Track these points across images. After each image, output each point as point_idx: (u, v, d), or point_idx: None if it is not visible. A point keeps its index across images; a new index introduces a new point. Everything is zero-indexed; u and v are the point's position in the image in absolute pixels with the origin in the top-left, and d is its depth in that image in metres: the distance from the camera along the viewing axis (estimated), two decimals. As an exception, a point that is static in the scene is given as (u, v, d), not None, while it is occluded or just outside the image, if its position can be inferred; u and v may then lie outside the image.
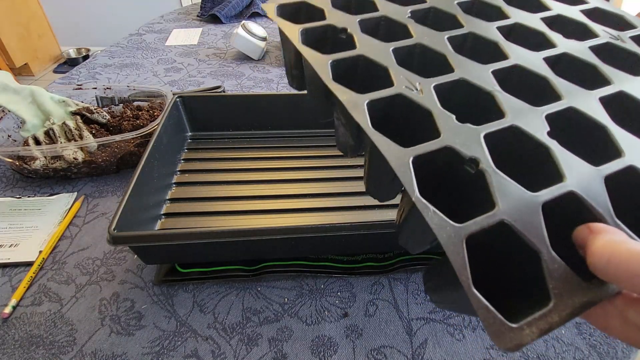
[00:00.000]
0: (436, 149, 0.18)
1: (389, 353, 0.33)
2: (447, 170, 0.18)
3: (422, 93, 0.20)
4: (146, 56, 0.86)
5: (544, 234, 0.15)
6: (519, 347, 0.13)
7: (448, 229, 0.14)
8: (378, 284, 0.38)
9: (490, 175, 0.16)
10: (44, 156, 0.48)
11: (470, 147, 0.18)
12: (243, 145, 0.55)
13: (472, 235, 0.14)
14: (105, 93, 0.60)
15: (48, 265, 0.39)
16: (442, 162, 0.18)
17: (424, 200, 0.15)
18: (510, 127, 0.19)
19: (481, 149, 0.18)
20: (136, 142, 0.50)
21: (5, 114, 0.52)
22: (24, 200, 0.46)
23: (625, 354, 0.33)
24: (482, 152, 0.17)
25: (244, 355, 0.32)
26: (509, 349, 0.13)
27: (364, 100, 0.20)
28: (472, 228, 0.15)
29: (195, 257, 0.38)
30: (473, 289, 0.13)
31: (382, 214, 0.44)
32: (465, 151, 0.17)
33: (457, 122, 0.19)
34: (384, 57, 0.23)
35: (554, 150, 0.18)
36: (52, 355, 0.32)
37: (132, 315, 0.35)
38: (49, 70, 2.41)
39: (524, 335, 0.13)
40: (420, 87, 0.21)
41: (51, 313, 0.35)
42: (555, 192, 0.16)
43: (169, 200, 0.45)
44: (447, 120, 0.19)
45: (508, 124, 0.19)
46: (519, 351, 0.33)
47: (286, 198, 0.46)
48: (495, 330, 0.13)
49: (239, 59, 0.85)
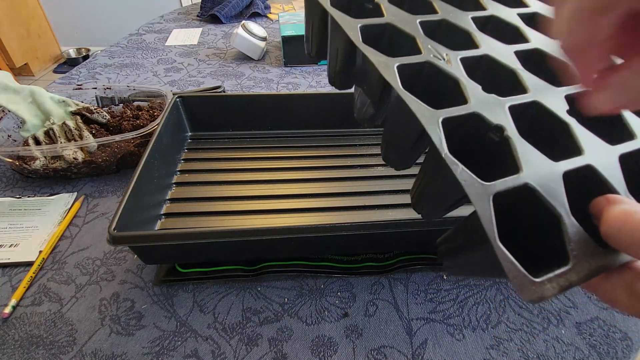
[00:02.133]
0: (464, 114, 0.18)
1: (389, 353, 0.33)
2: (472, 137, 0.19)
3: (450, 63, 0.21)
4: (146, 56, 0.86)
5: (564, 200, 0.16)
6: (541, 299, 0.13)
7: (477, 185, 0.15)
8: (378, 284, 0.38)
9: (515, 143, 0.17)
10: (44, 156, 0.48)
11: (496, 115, 0.18)
12: (243, 145, 0.55)
13: (498, 194, 0.15)
14: (105, 93, 0.60)
15: (48, 265, 0.39)
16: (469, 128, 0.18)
17: (453, 158, 0.16)
18: (533, 102, 0.20)
19: (506, 118, 0.18)
20: (136, 142, 0.50)
21: (5, 114, 0.52)
22: (24, 200, 0.46)
23: (625, 354, 0.33)
24: (507, 121, 0.18)
25: (244, 355, 0.32)
26: (532, 301, 0.13)
27: (395, 63, 0.20)
28: (499, 187, 0.15)
29: (195, 257, 0.38)
30: (499, 243, 0.14)
31: (382, 214, 0.44)
32: (491, 119, 0.18)
33: (483, 92, 0.19)
34: (411, 28, 0.23)
35: (573, 127, 0.18)
36: (52, 355, 0.32)
37: (132, 315, 0.35)
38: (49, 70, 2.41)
39: (546, 289, 0.14)
40: (447, 58, 0.21)
41: (51, 313, 0.35)
42: (575, 163, 0.17)
43: (169, 200, 0.45)
44: (473, 90, 0.19)
45: (531, 99, 0.20)
46: (519, 351, 0.33)
47: (286, 198, 0.46)
48: (519, 282, 0.13)
49: (239, 59, 0.85)
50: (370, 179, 0.49)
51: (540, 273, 0.14)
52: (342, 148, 0.54)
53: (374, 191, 0.47)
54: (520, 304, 0.36)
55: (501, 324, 0.35)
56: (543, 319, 0.35)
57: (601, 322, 0.35)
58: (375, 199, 0.46)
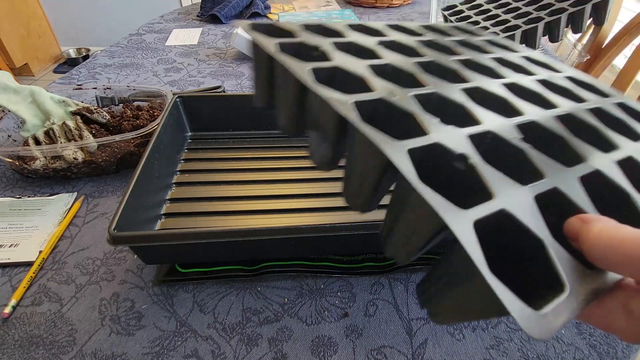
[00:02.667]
0: (427, 144, 0.17)
1: (389, 353, 0.33)
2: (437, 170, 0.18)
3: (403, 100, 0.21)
4: (146, 56, 0.86)
5: (542, 223, 0.15)
6: (551, 333, 0.12)
7: (456, 212, 0.14)
8: (378, 284, 0.38)
9: (482, 169, 0.16)
10: (44, 156, 0.48)
11: (457, 145, 0.18)
12: (243, 145, 0.55)
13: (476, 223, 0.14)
14: (105, 93, 0.60)
15: (48, 265, 0.39)
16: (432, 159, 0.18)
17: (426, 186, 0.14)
18: (488, 132, 0.20)
19: (469, 146, 0.18)
20: (136, 142, 0.50)
21: (5, 114, 0.52)
22: (24, 200, 0.46)
23: (625, 354, 0.33)
24: (469, 149, 0.18)
25: (244, 355, 0.32)
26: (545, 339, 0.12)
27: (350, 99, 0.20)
28: (478, 213, 0.14)
29: (195, 257, 0.38)
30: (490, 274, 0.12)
31: (382, 214, 0.44)
32: (453, 148, 0.17)
33: (441, 123, 0.19)
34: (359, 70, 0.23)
35: (529, 152, 0.19)
36: (52, 355, 0.32)
37: (132, 315, 0.35)
38: (49, 70, 2.41)
39: (554, 322, 0.12)
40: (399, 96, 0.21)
41: (51, 313, 0.35)
42: (542, 187, 0.17)
43: (169, 200, 0.45)
44: (431, 121, 0.19)
45: (486, 129, 0.20)
46: (519, 351, 0.33)
47: (286, 198, 0.46)
48: (524, 318, 0.12)
49: (239, 59, 0.85)
50: (370, 179, 0.49)
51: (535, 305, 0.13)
52: (342, 148, 0.54)
53: (374, 191, 0.47)
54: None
55: (501, 324, 0.35)
56: (543, 319, 0.35)
57: (601, 322, 0.35)
58: (375, 199, 0.46)
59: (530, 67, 0.30)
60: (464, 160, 0.17)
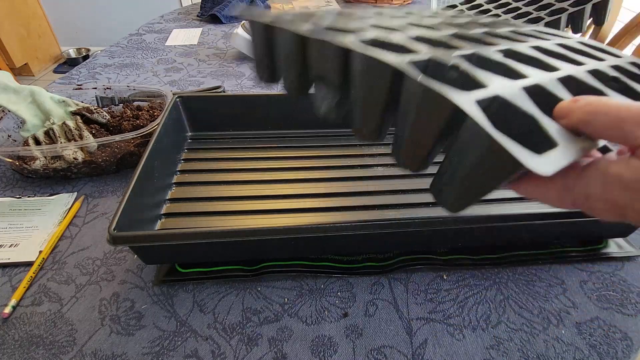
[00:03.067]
0: (425, 59, 0.19)
1: (389, 353, 0.33)
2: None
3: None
4: (146, 56, 0.86)
5: (532, 105, 0.17)
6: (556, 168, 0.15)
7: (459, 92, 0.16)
8: (378, 284, 0.38)
9: (474, 71, 0.18)
10: (44, 156, 0.48)
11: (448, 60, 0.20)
12: (243, 145, 0.55)
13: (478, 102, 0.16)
14: (105, 93, 0.60)
15: (48, 265, 0.39)
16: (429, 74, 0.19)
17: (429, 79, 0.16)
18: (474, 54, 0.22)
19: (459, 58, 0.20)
20: (136, 142, 0.50)
21: (5, 114, 0.52)
22: (24, 200, 0.46)
23: (625, 354, 0.33)
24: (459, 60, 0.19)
25: (244, 355, 0.32)
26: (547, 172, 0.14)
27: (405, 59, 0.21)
28: (478, 95, 0.16)
29: (195, 257, 0.38)
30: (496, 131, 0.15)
31: (382, 214, 0.44)
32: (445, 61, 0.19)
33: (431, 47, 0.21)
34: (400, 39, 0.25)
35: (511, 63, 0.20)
36: (52, 355, 0.32)
37: (132, 315, 0.35)
38: (49, 70, 2.41)
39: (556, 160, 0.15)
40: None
41: (51, 313, 0.35)
42: (526, 82, 0.18)
43: (169, 200, 0.45)
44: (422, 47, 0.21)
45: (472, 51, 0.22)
46: (519, 351, 0.33)
47: (286, 198, 0.46)
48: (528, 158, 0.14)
49: (239, 59, 0.85)
50: (370, 179, 0.49)
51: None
52: (342, 148, 0.54)
53: (374, 191, 0.47)
54: (520, 304, 0.36)
55: (501, 324, 0.35)
56: (543, 319, 0.35)
57: (601, 322, 0.35)
58: (375, 199, 0.46)
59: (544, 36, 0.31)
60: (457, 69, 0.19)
